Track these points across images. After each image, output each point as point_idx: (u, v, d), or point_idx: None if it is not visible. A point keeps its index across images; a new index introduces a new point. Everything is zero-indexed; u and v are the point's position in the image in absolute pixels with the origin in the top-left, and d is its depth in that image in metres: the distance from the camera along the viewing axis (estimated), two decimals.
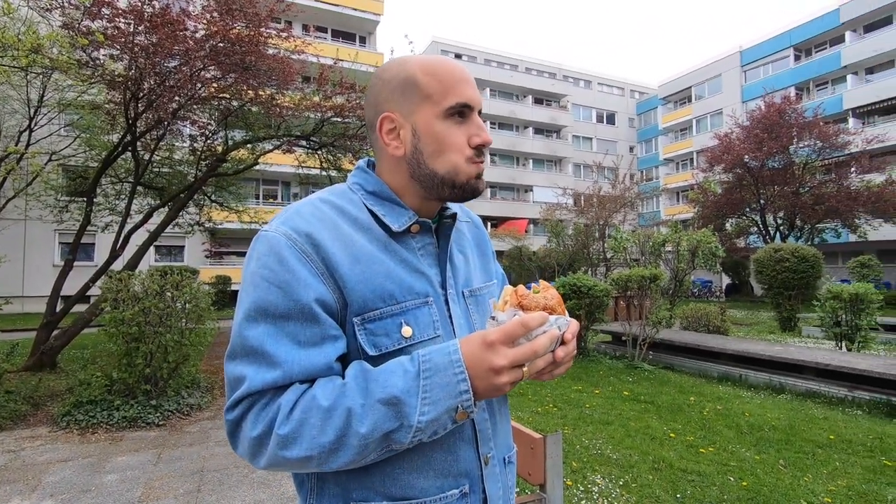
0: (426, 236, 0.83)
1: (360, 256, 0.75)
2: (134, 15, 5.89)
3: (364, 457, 0.67)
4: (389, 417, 0.65)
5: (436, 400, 0.66)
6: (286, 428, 0.65)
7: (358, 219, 0.79)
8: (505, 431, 0.88)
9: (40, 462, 3.66)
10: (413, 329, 0.75)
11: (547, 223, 21.43)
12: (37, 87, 9.02)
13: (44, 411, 4.86)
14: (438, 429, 0.68)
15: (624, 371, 6.87)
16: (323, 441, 0.65)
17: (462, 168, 0.79)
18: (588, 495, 3.12)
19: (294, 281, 0.70)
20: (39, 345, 6.42)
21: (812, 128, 19.62)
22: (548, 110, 35.12)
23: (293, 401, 0.67)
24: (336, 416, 0.65)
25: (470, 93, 0.79)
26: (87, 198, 7.33)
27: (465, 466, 0.78)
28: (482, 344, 0.67)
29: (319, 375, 0.70)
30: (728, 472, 3.47)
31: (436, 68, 0.79)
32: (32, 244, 16.87)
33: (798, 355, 6.04)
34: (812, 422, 4.61)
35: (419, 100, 0.78)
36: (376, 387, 0.67)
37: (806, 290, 10.56)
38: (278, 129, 8.55)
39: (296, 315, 0.70)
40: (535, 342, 0.67)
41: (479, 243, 0.98)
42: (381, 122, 0.80)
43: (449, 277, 0.84)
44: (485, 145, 0.80)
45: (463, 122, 0.79)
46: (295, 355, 0.69)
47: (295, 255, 0.71)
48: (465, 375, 0.66)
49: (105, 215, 10.23)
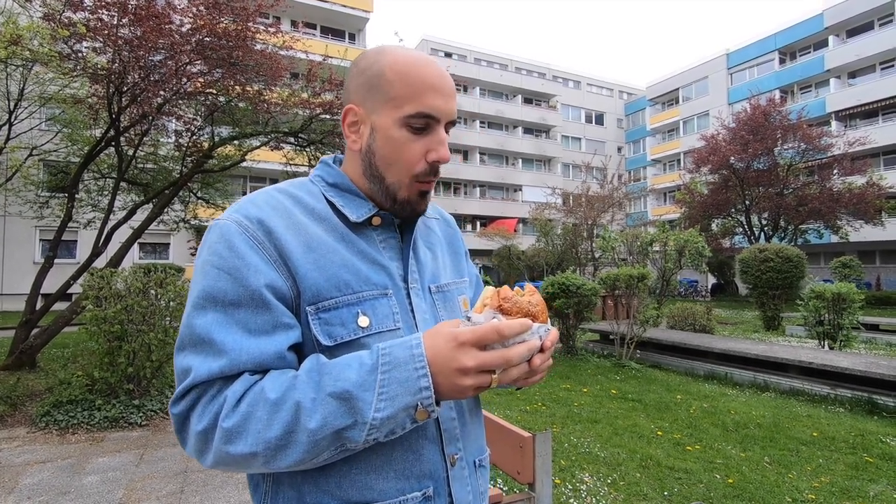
0: (388, 230, 0.81)
1: (314, 245, 0.72)
2: (117, 7, 5.76)
3: (315, 455, 0.62)
4: (341, 413, 0.61)
5: (393, 396, 0.62)
6: (230, 421, 0.62)
7: (315, 209, 0.77)
8: (476, 433, 0.85)
9: (17, 463, 3.57)
10: (370, 319, 0.72)
11: (536, 222, 21.52)
12: (17, 79, 8.81)
13: (22, 412, 4.74)
14: (396, 427, 0.63)
15: (612, 370, 6.91)
16: (269, 436, 0.61)
17: (405, 184, 0.76)
18: (576, 494, 3.12)
19: (244, 267, 0.67)
20: (18, 344, 6.27)
21: (796, 130, 19.95)
22: (537, 110, 35.26)
23: (240, 392, 0.63)
24: (284, 409, 0.61)
25: (436, 103, 0.73)
26: (69, 193, 7.17)
27: (429, 467, 0.74)
28: (452, 341, 0.62)
29: (271, 366, 0.66)
30: (714, 470, 3.49)
31: (407, 69, 0.73)
32: (12, 241, 16.50)
33: (782, 354, 6.12)
34: (796, 419, 4.67)
35: (383, 100, 0.74)
36: (329, 380, 0.63)
37: (790, 290, 10.73)
38: (266, 125, 8.44)
39: (246, 302, 0.67)
40: (509, 350, 0.63)
41: (451, 241, 0.96)
42: (345, 113, 0.79)
43: (413, 271, 0.81)
44: (440, 162, 0.74)
45: (424, 133, 0.74)
46: (243, 343, 0.65)
47: (246, 242, 0.69)
48: (427, 371, 0.62)
49: (87, 211, 10.03)
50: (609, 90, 40.84)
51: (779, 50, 28.73)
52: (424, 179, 0.76)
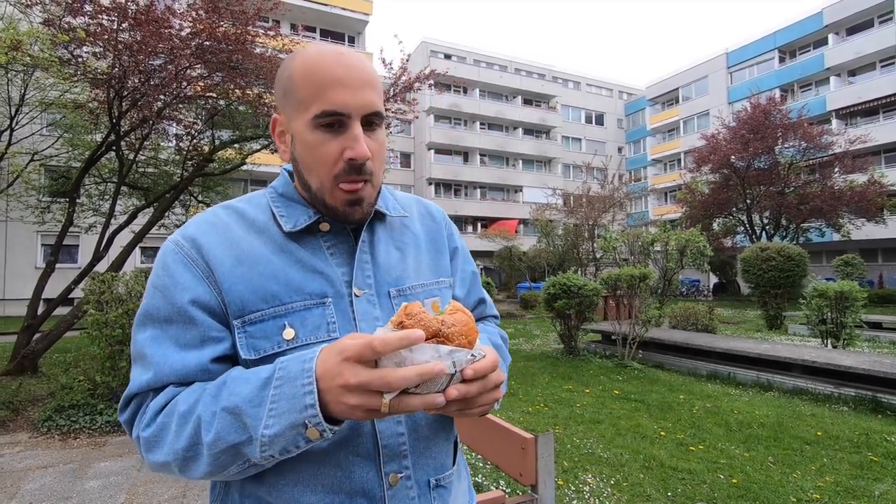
0: (339, 235, 0.78)
1: (245, 258, 0.72)
2: (117, 12, 5.78)
3: (223, 468, 0.63)
4: (235, 428, 0.60)
5: (280, 413, 0.58)
6: (148, 431, 0.65)
7: (255, 221, 0.76)
8: (437, 451, 0.78)
9: (19, 469, 3.57)
10: (297, 331, 0.70)
11: (537, 223, 21.50)
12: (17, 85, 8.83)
13: (24, 417, 4.74)
14: (288, 445, 0.59)
15: (614, 370, 6.89)
16: (177, 447, 0.63)
17: (326, 188, 0.72)
18: (579, 495, 3.11)
19: (172, 284, 0.70)
20: (20, 349, 6.28)
21: (797, 128, 19.91)
22: (537, 111, 35.27)
23: (161, 404, 0.66)
24: (190, 422, 0.62)
25: (342, 98, 0.68)
26: (70, 198, 7.18)
27: (362, 485, 0.70)
28: (338, 356, 0.57)
29: (194, 378, 0.67)
30: (718, 470, 3.48)
31: (311, 68, 0.69)
32: (13, 246, 16.54)
33: (785, 353, 6.10)
34: (799, 419, 4.65)
35: (295, 104, 0.71)
36: (226, 394, 0.62)
37: (792, 289, 10.70)
38: (266, 128, 8.46)
39: (175, 318, 0.69)
40: (386, 371, 0.55)
41: (434, 238, 0.90)
42: (272, 124, 0.78)
43: (366, 276, 0.77)
44: (356, 160, 0.69)
45: (338, 132, 0.70)
46: (168, 357, 0.67)
47: (179, 260, 0.71)
48: (313, 388, 0.58)
49: (89, 216, 10.06)
50: (609, 90, 40.84)
51: (778, 48, 28.72)
52: (346, 180, 0.71)
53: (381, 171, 0.76)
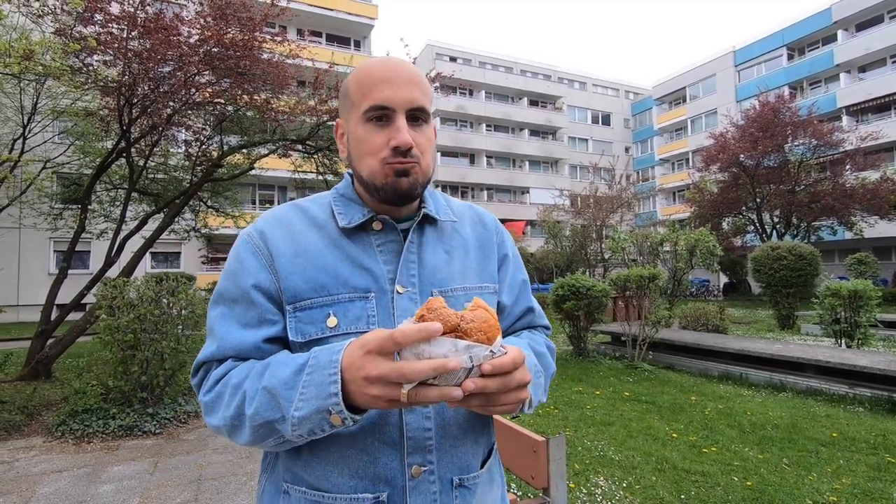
0: (390, 234, 0.84)
1: (302, 251, 0.80)
2: (127, 20, 5.85)
3: (262, 439, 0.70)
4: (271, 407, 0.67)
5: (309, 398, 0.64)
6: (207, 397, 0.75)
7: (316, 218, 0.85)
8: (463, 451, 0.80)
9: (34, 473, 3.61)
10: (339, 320, 0.76)
11: (544, 224, 21.44)
12: (30, 94, 8.97)
13: (38, 421, 4.80)
14: (315, 428, 0.65)
15: (624, 371, 6.84)
16: (227, 415, 0.71)
17: (377, 170, 0.78)
18: (591, 498, 3.09)
19: (240, 270, 0.80)
20: (34, 354, 6.35)
21: (806, 126, 19.70)
22: (543, 112, 35.22)
23: (221, 375, 0.75)
24: (238, 394, 0.71)
25: (386, 94, 0.76)
26: (82, 205, 7.27)
27: (385, 472, 0.74)
28: (361, 348, 0.62)
29: (249, 355, 0.76)
30: (732, 472, 3.44)
31: (361, 73, 0.80)
32: (27, 252, 16.77)
33: (798, 353, 6.02)
34: (814, 420, 4.59)
35: (350, 106, 0.81)
36: (268, 375, 0.69)
37: (804, 288, 10.57)
38: (273, 133, 8.51)
39: (240, 299, 0.79)
40: (403, 364, 0.58)
41: (483, 244, 0.93)
42: (335, 129, 0.88)
43: (411, 275, 0.82)
44: (400, 147, 0.76)
45: (385, 124, 0.78)
46: (230, 333, 0.77)
47: (249, 250, 0.81)
48: (338, 378, 0.63)
49: (100, 222, 10.16)
50: (615, 90, 40.69)
51: (787, 46, 28.46)
52: (393, 161, 0.77)
53: (429, 162, 0.82)
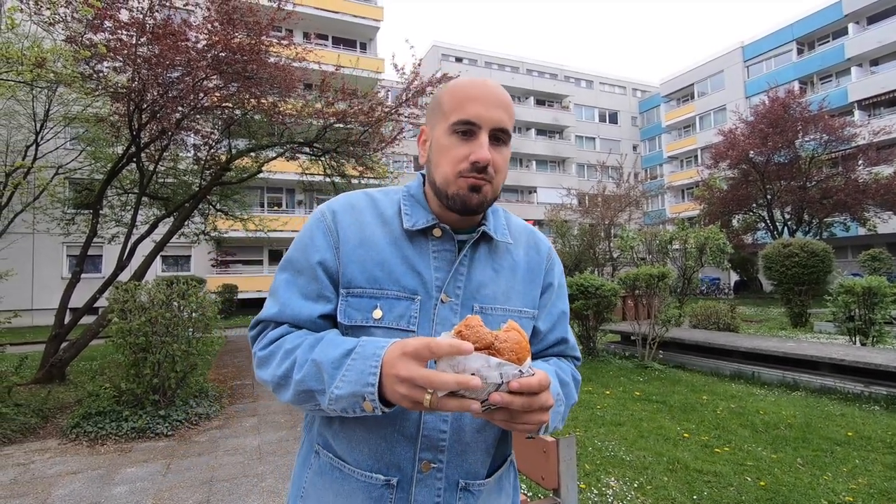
0: (447, 243, 0.88)
1: (366, 242, 0.87)
2: (136, 27, 5.92)
3: (301, 402, 0.79)
4: (316, 378, 0.75)
5: (350, 381, 0.71)
6: (263, 352, 0.84)
7: (384, 213, 0.91)
8: (475, 459, 0.86)
9: (50, 475, 3.65)
10: (384, 313, 0.83)
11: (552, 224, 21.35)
12: (42, 101, 9.10)
13: (53, 424, 4.87)
14: (347, 407, 0.72)
15: (634, 371, 6.80)
16: (277, 373, 0.80)
17: (451, 180, 0.83)
18: (603, 498, 3.07)
19: (311, 245, 0.88)
20: (48, 357, 6.44)
21: (817, 121, 19.45)
22: (550, 111, 35.09)
23: (276, 336, 0.84)
24: (290, 358, 0.79)
25: (476, 111, 0.81)
26: (94, 210, 7.36)
27: (398, 461, 0.81)
28: (399, 350, 0.68)
29: (304, 325, 0.85)
30: (745, 472, 3.40)
31: (457, 87, 0.85)
32: (40, 257, 17.00)
33: (812, 351, 5.94)
34: (829, 419, 4.52)
35: (439, 116, 0.86)
36: (320, 350, 0.76)
37: (816, 285, 10.43)
38: (281, 136, 8.56)
39: (306, 271, 0.87)
40: (432, 373, 0.63)
41: (532, 269, 0.96)
42: (419, 134, 0.93)
43: (457, 287, 0.86)
44: (479, 162, 0.80)
45: (468, 139, 0.82)
46: (293, 301, 0.85)
47: (321, 228, 0.89)
48: (378, 371, 0.69)
49: (111, 227, 10.28)
50: (622, 88, 40.45)
51: (796, 40, 28.12)
52: (468, 175, 0.82)
53: (501, 181, 0.87)
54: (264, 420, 5.03)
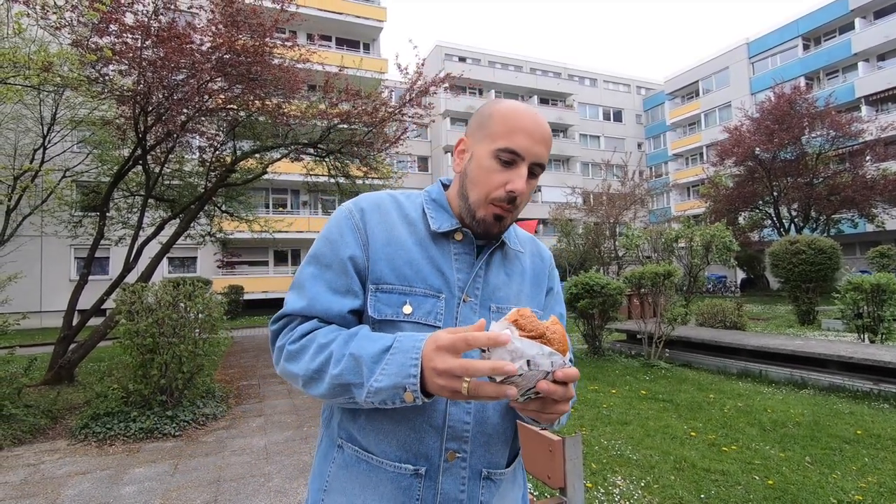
0: (467, 246, 0.93)
1: (394, 241, 0.90)
2: (141, 30, 5.96)
3: (334, 396, 0.80)
4: (354, 372, 0.76)
5: (390, 374, 0.73)
6: (293, 346, 0.85)
7: (409, 214, 0.94)
8: (496, 450, 0.91)
9: (59, 475, 3.69)
10: (414, 309, 0.86)
11: (557, 223, 21.31)
12: (49, 105, 9.18)
13: (62, 424, 4.91)
14: (387, 399, 0.74)
15: (640, 370, 6.77)
16: (310, 367, 0.81)
17: (482, 203, 0.88)
18: (609, 497, 3.06)
19: (340, 241, 0.90)
20: (57, 359, 6.50)
21: (824, 117, 19.29)
22: (554, 110, 34.98)
23: (307, 330, 0.85)
24: (324, 352, 0.80)
25: (524, 144, 0.85)
26: (101, 212, 7.42)
27: (426, 451, 0.84)
28: (433, 344, 0.71)
29: (333, 320, 0.86)
30: (753, 471, 3.38)
31: (509, 114, 0.87)
32: (48, 259, 17.15)
33: (820, 349, 5.90)
34: (837, 417, 4.49)
35: (485, 134, 0.89)
36: (356, 344, 0.78)
37: (824, 283, 10.35)
38: (285, 137, 8.60)
39: (335, 266, 0.89)
40: (468, 360, 0.67)
41: (537, 274, 1.04)
42: (458, 142, 0.95)
43: (476, 287, 0.91)
44: (514, 192, 0.85)
45: (509, 167, 0.86)
46: (322, 296, 0.87)
47: (349, 224, 0.91)
48: (419, 363, 0.72)
49: (118, 229, 10.37)
50: (626, 86, 40.27)
51: (802, 36, 27.89)
52: (499, 204, 0.87)
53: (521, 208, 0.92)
54: (271, 420, 5.05)
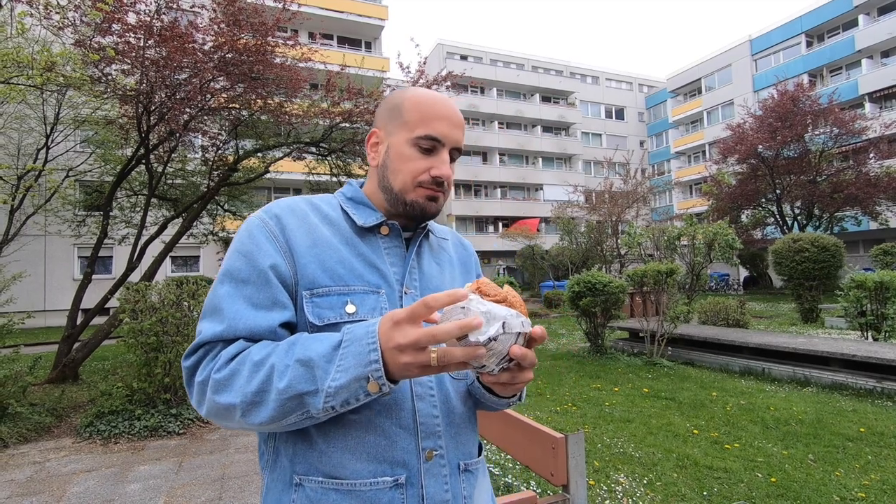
0: (395, 240, 0.91)
1: (319, 242, 0.84)
2: (143, 30, 5.97)
3: (283, 416, 0.70)
4: (305, 379, 0.69)
5: (347, 367, 0.67)
6: (221, 373, 0.73)
7: (328, 215, 0.90)
8: (467, 438, 0.89)
9: (65, 473, 3.71)
10: (357, 307, 0.81)
11: (559, 221, 21.29)
12: (52, 104, 9.20)
13: (67, 423, 4.93)
14: (350, 398, 0.68)
15: (643, 368, 6.77)
16: (248, 390, 0.70)
17: (409, 188, 0.87)
18: (612, 495, 3.07)
19: (257, 251, 0.81)
20: (61, 357, 6.53)
21: (827, 115, 19.23)
22: (556, 108, 34.95)
23: (234, 353, 0.75)
24: (263, 369, 0.71)
25: (443, 129, 0.86)
26: (104, 211, 7.44)
27: (402, 456, 0.78)
28: (389, 321, 0.67)
29: (262, 337, 0.77)
30: (755, 468, 3.38)
31: (422, 101, 0.87)
32: (52, 259, 17.21)
33: (823, 347, 5.89)
34: (840, 414, 4.49)
35: (399, 124, 0.88)
36: (300, 349, 0.71)
37: (827, 281, 10.33)
38: (288, 136, 8.61)
39: (254, 279, 0.79)
40: (432, 328, 0.63)
41: (464, 262, 1.05)
42: (369, 136, 0.93)
43: (413, 279, 0.89)
44: (441, 177, 0.85)
45: (430, 154, 0.86)
46: (243, 313, 0.77)
47: (263, 233, 0.83)
48: (377, 346, 0.67)
49: (121, 228, 10.40)
50: (629, 84, 40.19)
51: (805, 33, 27.79)
52: (428, 187, 0.86)
53: (449, 193, 0.92)
54: None
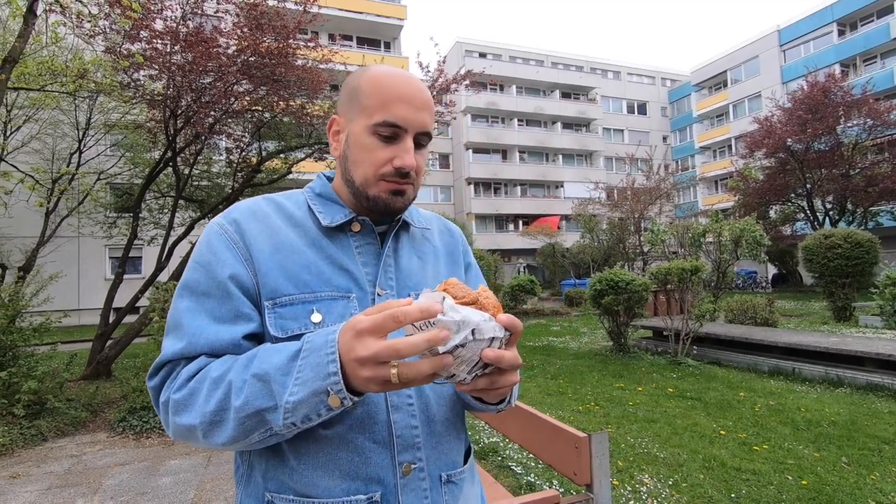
0: (368, 237, 0.84)
1: (282, 247, 0.78)
2: (170, 36, 6.13)
3: (246, 435, 0.65)
4: (263, 394, 0.63)
5: (305, 380, 0.61)
6: (180, 394, 0.69)
7: (293, 215, 0.82)
8: (450, 447, 0.81)
9: (100, 466, 3.85)
10: (324, 316, 0.75)
11: (580, 219, 21.07)
12: (84, 110, 9.53)
13: (101, 418, 5.12)
14: (310, 413, 0.62)
15: (667, 367, 6.66)
16: (207, 410, 0.66)
17: (371, 182, 0.78)
18: (636, 495, 3.03)
19: (215, 261, 0.75)
20: (95, 355, 6.77)
21: (861, 105, 18.54)
22: (576, 104, 34.57)
23: (194, 371, 0.70)
24: (221, 387, 0.66)
25: (403, 113, 0.76)
26: (133, 213, 7.68)
27: (377, 472, 0.73)
28: (351, 330, 0.59)
29: (226, 351, 0.72)
30: (786, 471, 3.30)
31: (380, 82, 0.78)
32: (85, 259, 17.80)
33: (856, 346, 5.70)
34: (876, 416, 4.34)
35: (358, 110, 0.79)
36: (257, 363, 0.65)
37: (861, 278, 9.98)
38: (309, 137, 8.73)
39: (214, 292, 0.74)
40: (395, 340, 0.56)
41: (451, 251, 0.97)
42: (330, 123, 0.85)
43: (389, 278, 0.82)
44: (404, 168, 0.77)
45: (392, 142, 0.77)
46: (204, 328, 0.72)
47: (222, 241, 0.77)
48: (336, 357, 0.60)
49: (150, 229, 10.70)
50: (651, 78, 39.46)
51: (837, 21, 26.82)
52: (391, 179, 0.78)
53: (419, 182, 0.84)
54: None
